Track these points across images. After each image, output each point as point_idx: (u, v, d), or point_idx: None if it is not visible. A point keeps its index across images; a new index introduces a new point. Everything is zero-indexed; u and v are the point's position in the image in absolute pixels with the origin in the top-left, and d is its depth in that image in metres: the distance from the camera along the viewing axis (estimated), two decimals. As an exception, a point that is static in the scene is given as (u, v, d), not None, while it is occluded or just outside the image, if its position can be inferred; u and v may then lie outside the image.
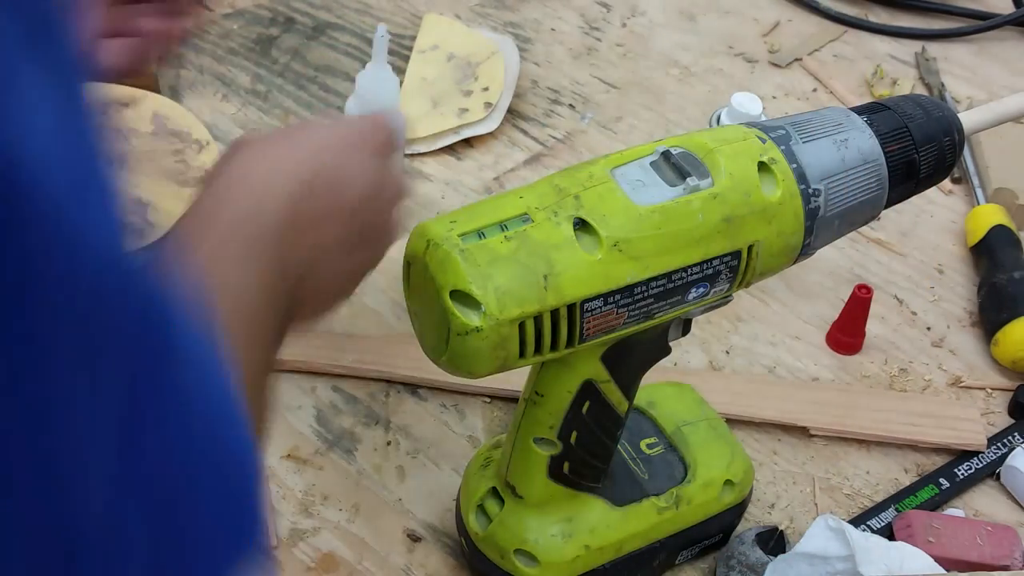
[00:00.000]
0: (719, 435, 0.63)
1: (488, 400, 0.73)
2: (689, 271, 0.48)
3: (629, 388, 0.55)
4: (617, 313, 0.48)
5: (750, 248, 0.49)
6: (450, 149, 0.91)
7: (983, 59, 1.07)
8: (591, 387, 0.53)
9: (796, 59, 1.05)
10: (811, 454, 0.72)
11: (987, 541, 0.64)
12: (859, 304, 0.76)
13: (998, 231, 0.83)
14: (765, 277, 0.52)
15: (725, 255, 0.49)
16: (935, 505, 0.68)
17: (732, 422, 0.72)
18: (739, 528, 0.66)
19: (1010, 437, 0.72)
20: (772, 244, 0.49)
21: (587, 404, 0.53)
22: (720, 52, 1.06)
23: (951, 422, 0.73)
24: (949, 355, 0.79)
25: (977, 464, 0.70)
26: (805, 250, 0.51)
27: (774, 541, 0.65)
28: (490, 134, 0.92)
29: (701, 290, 0.49)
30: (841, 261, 0.85)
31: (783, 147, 0.49)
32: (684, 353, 0.77)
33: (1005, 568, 0.63)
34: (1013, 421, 0.74)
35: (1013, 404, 0.75)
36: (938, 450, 0.72)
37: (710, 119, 0.76)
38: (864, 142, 0.50)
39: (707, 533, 0.63)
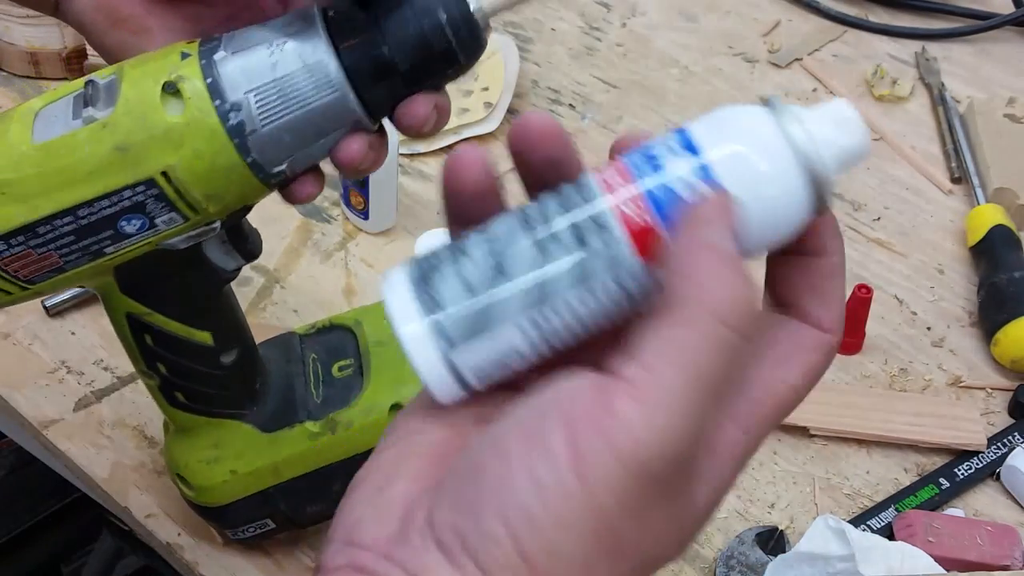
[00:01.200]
0: None
1: (488, 400, 0.73)
2: (97, 206, 0.46)
3: (192, 318, 0.54)
4: (40, 253, 0.47)
5: (165, 175, 0.45)
6: (450, 149, 0.91)
7: (983, 59, 1.07)
8: (138, 321, 0.53)
9: (796, 59, 1.05)
10: (811, 454, 0.72)
11: (987, 541, 0.64)
12: (859, 304, 0.76)
13: (998, 231, 0.83)
14: (224, 202, 0.47)
15: (136, 185, 0.45)
16: (935, 505, 0.68)
17: (732, 422, 0.72)
18: (739, 528, 0.66)
19: (1010, 437, 0.72)
20: (193, 168, 0.45)
21: (148, 337, 0.54)
22: (720, 52, 1.06)
23: (951, 422, 0.73)
24: (949, 355, 0.79)
25: (977, 464, 0.71)
26: (259, 169, 0.45)
27: (774, 541, 0.65)
28: (490, 134, 0.92)
29: (136, 223, 0.46)
30: (841, 261, 0.85)
31: (204, 61, 0.45)
32: (684, 353, 0.77)
33: (1005, 568, 0.63)
34: (1013, 421, 0.74)
35: (1013, 404, 0.75)
36: (938, 450, 0.72)
37: None
38: (306, 44, 0.44)
39: None
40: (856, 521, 0.67)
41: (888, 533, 0.66)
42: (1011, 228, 0.84)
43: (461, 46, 0.45)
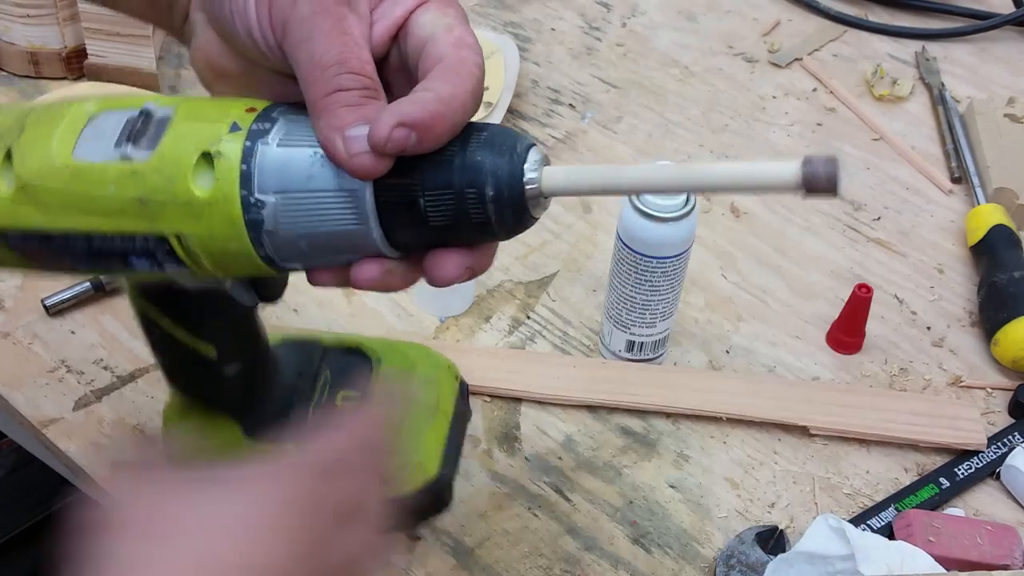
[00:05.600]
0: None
1: (488, 399, 0.73)
2: (111, 240, 0.45)
3: (199, 330, 0.54)
4: (50, 254, 0.47)
5: (178, 238, 0.44)
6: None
7: (983, 59, 1.07)
8: (146, 317, 0.54)
9: (796, 59, 1.05)
10: (811, 454, 0.72)
11: (987, 541, 0.64)
12: (859, 304, 0.76)
13: (998, 231, 0.83)
14: (234, 273, 0.48)
15: (147, 236, 0.45)
16: (935, 505, 0.69)
17: (732, 422, 0.72)
18: (739, 527, 0.66)
19: (1010, 437, 0.72)
20: (206, 243, 0.44)
21: (153, 331, 0.55)
22: (720, 52, 1.06)
23: (951, 422, 0.73)
24: (949, 355, 0.79)
25: (977, 464, 0.71)
26: (271, 263, 0.45)
27: (774, 541, 0.65)
28: (490, 134, 0.92)
29: (145, 263, 0.46)
30: (841, 261, 0.86)
31: (249, 143, 0.43)
32: (684, 353, 0.77)
33: (1005, 568, 0.63)
34: (1013, 421, 0.74)
35: (1013, 404, 0.75)
36: (938, 450, 0.72)
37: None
38: None
39: None
40: (856, 520, 0.67)
41: (888, 533, 0.66)
42: (1011, 228, 0.84)
43: (501, 224, 0.42)
